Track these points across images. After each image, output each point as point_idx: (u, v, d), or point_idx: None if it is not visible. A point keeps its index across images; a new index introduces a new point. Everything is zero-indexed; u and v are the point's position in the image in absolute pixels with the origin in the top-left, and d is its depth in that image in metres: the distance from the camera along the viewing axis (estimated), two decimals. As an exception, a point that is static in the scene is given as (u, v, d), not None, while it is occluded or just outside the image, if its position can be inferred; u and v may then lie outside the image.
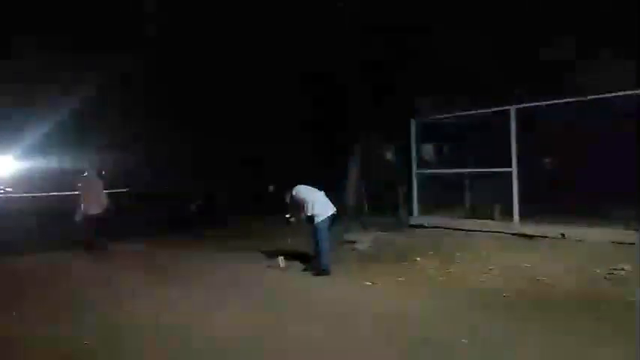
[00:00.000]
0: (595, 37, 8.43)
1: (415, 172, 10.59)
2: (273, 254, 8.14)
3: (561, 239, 8.09)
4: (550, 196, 9.48)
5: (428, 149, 11.25)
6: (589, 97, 8.22)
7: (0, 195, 15.26)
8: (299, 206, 7.36)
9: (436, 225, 9.95)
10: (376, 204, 11.74)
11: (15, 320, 5.46)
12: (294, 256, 8.01)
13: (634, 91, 7.71)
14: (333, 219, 7.35)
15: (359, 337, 4.65)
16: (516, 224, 8.92)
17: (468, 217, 9.94)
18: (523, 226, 8.79)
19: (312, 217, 7.22)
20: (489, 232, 9.03)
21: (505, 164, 9.02)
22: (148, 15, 11.22)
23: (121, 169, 13.53)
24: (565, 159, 9.96)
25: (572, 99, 8.34)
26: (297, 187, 7.46)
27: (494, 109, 9.39)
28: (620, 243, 7.40)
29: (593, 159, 9.07)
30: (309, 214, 7.24)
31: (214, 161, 13.53)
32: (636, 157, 7.52)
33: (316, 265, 7.22)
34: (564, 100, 8.55)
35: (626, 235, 7.53)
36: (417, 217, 10.44)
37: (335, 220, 7.48)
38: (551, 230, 8.37)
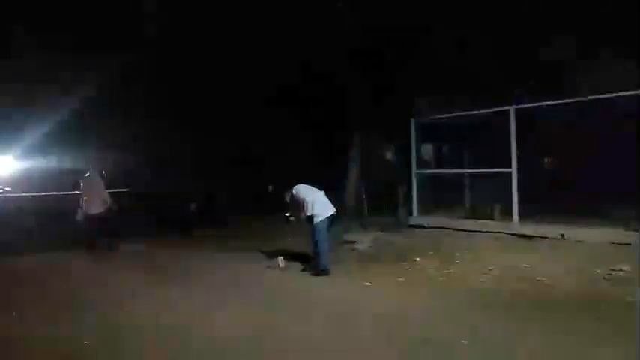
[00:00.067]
0: (595, 37, 8.43)
1: (415, 172, 10.58)
2: (272, 254, 8.14)
3: (561, 239, 8.09)
4: (550, 196, 9.50)
5: (428, 149, 11.26)
6: (588, 98, 8.23)
7: (-1, 194, 15.26)
8: (299, 206, 7.36)
9: (436, 225, 9.95)
10: (376, 204, 11.74)
11: (15, 320, 5.44)
12: (293, 256, 8.02)
13: (634, 92, 7.72)
14: (332, 219, 7.34)
15: (359, 337, 4.65)
16: (516, 224, 8.92)
17: (467, 217, 9.94)
18: (523, 227, 8.79)
19: (311, 217, 7.22)
20: (489, 233, 9.03)
21: (505, 164, 9.03)
22: (147, 14, 11.19)
23: (121, 169, 13.50)
24: (565, 159, 9.97)
25: (571, 99, 8.35)
26: (297, 186, 7.45)
27: (493, 109, 9.40)
28: (620, 243, 7.41)
29: (593, 159, 9.08)
30: (308, 214, 7.23)
31: (214, 161, 13.51)
32: (636, 157, 7.53)
33: (315, 266, 7.21)
34: (564, 101, 8.56)
35: (625, 236, 7.54)
36: (417, 218, 10.44)
37: (334, 221, 7.47)
38: (551, 230, 8.37)
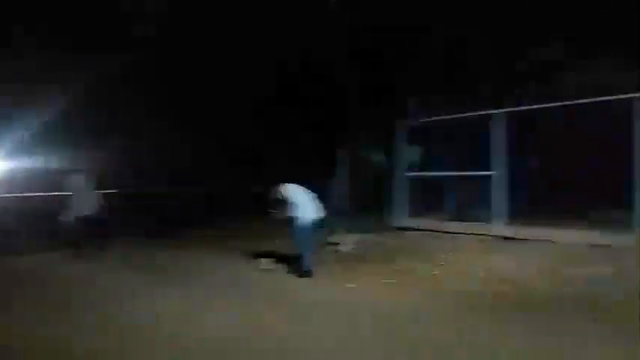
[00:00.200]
0: (585, 41, 8.50)
1: (402, 174, 10.60)
2: (263, 255, 8.12)
3: (544, 241, 8.18)
4: (536, 199, 9.55)
5: (415, 151, 11.27)
6: (574, 102, 8.33)
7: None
8: (286, 205, 7.33)
9: (422, 227, 9.97)
10: (362, 206, 11.72)
11: (15, 321, 5.38)
12: (286, 258, 7.90)
13: (618, 96, 7.81)
14: (317, 222, 7.33)
15: (344, 337, 4.63)
16: (501, 227, 8.98)
17: (453, 219, 9.97)
18: (508, 229, 8.86)
19: (296, 218, 7.20)
20: (474, 235, 9.08)
21: (493, 166, 9.10)
22: (145, 14, 11.06)
23: (116, 169, 13.34)
24: (552, 161, 10.03)
25: (555, 104, 8.44)
26: (287, 185, 7.41)
27: (479, 112, 9.45)
28: (601, 245, 7.50)
29: (580, 161, 9.17)
30: (293, 215, 7.21)
31: (214, 161, 13.36)
32: (622, 161, 7.63)
33: (299, 267, 7.19)
34: (549, 105, 8.65)
35: (605, 238, 7.63)
36: (403, 220, 10.45)
37: (320, 224, 7.46)
38: (535, 233, 8.46)
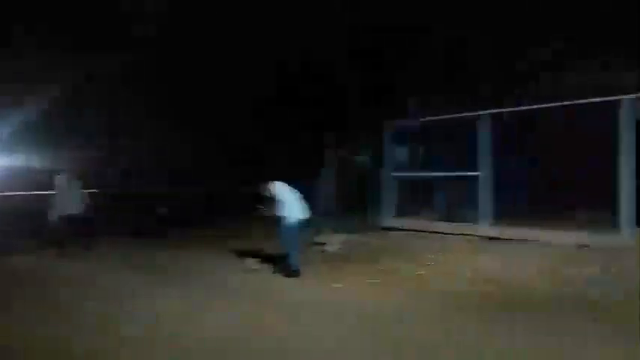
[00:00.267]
0: (583, 40, 8.55)
1: (388, 174, 10.59)
2: (253, 255, 8.08)
3: (530, 242, 8.20)
4: (523, 199, 9.60)
5: (401, 152, 11.28)
6: (559, 104, 8.39)
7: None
8: (273, 203, 7.27)
9: (408, 227, 9.96)
10: (349, 206, 11.69)
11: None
12: (272, 258, 7.84)
13: (602, 98, 7.88)
14: (303, 223, 7.28)
15: (333, 337, 4.59)
16: (487, 227, 9.00)
17: (440, 219, 9.98)
18: (494, 229, 8.88)
19: (283, 218, 7.14)
20: (461, 235, 9.09)
21: (479, 167, 9.12)
22: (136, 14, 10.87)
23: (93, 169, 13.13)
24: (541, 162, 10.09)
25: (544, 105, 8.50)
26: (276, 183, 7.35)
27: (465, 114, 9.47)
28: (586, 246, 7.56)
29: (568, 162, 9.24)
30: (280, 214, 7.15)
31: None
32: (608, 163, 7.70)
33: (286, 267, 7.13)
34: (537, 106, 8.71)
35: (589, 239, 7.69)
36: (390, 220, 10.43)
37: (306, 224, 7.41)
38: (521, 233, 8.48)
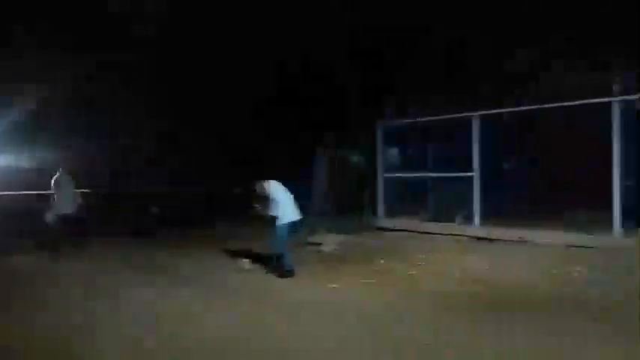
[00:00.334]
0: (552, 48, 8.70)
1: (381, 175, 10.71)
2: (246, 256, 8.09)
3: (519, 242, 8.38)
4: (519, 199, 9.77)
5: (395, 152, 11.41)
6: (546, 106, 8.56)
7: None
8: (266, 201, 7.33)
9: (401, 228, 10.10)
10: (342, 206, 11.79)
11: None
12: (267, 258, 7.86)
13: (590, 100, 8.06)
14: (296, 224, 7.33)
15: (325, 336, 4.65)
16: (478, 228, 9.17)
17: (432, 220, 10.12)
18: (484, 230, 9.05)
19: (274, 218, 7.20)
20: (452, 236, 9.24)
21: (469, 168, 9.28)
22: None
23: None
24: (538, 162, 10.27)
25: (533, 106, 8.66)
26: (270, 182, 7.35)
27: (456, 115, 9.62)
28: (575, 246, 7.74)
29: (566, 162, 9.43)
30: (272, 213, 7.21)
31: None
32: (598, 165, 7.88)
33: (279, 267, 7.20)
34: (524, 108, 8.88)
35: (579, 239, 7.87)
36: (383, 220, 10.56)
37: (298, 226, 7.47)
38: (510, 234, 8.66)
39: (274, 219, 7.19)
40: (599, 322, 4.81)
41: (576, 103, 8.22)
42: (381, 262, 7.86)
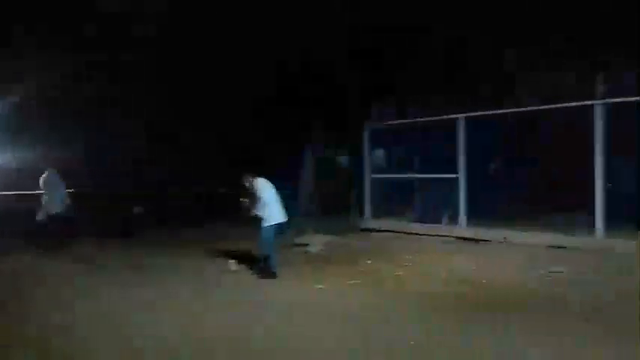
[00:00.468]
0: (538, 49, 8.78)
1: (368, 176, 10.74)
2: (233, 257, 8.07)
3: (504, 243, 8.48)
4: (498, 201, 9.86)
5: (381, 154, 11.43)
6: (530, 109, 8.67)
7: None
8: (254, 198, 7.26)
9: (387, 229, 10.14)
10: (329, 207, 11.78)
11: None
12: (253, 259, 7.85)
13: (570, 103, 8.16)
14: (281, 226, 7.28)
15: (314, 337, 4.65)
16: (463, 229, 9.25)
17: (418, 221, 10.18)
18: (470, 231, 9.13)
19: (262, 219, 7.13)
20: (438, 236, 9.31)
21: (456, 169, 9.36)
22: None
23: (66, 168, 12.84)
24: (518, 165, 10.36)
25: (519, 109, 8.76)
26: (259, 179, 7.27)
27: (443, 116, 9.69)
28: (558, 247, 7.86)
29: (561, 163, 9.52)
30: (258, 213, 7.15)
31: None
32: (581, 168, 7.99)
33: (263, 268, 7.16)
34: (509, 110, 8.97)
35: (563, 240, 7.99)
36: (369, 221, 10.59)
37: (284, 227, 7.43)
38: (495, 234, 8.76)
39: (259, 218, 7.15)
40: (591, 323, 4.86)
41: (560, 105, 8.32)
42: (368, 262, 7.89)
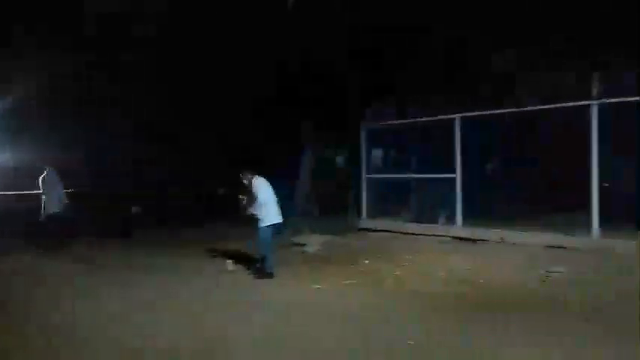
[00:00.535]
0: (537, 50, 8.78)
1: (365, 176, 10.72)
2: (230, 257, 8.05)
3: (501, 243, 8.49)
4: (495, 201, 9.87)
5: (379, 153, 11.42)
6: (527, 109, 8.68)
7: None
8: (251, 196, 7.19)
9: (385, 229, 10.13)
10: (326, 207, 11.75)
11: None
12: (250, 259, 7.82)
13: (568, 103, 8.18)
14: (277, 227, 7.24)
15: (312, 336, 4.63)
16: (460, 229, 9.25)
17: (415, 221, 10.17)
18: (467, 231, 9.14)
19: (259, 219, 7.07)
20: (435, 236, 9.31)
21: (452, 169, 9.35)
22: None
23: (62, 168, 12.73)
24: (517, 165, 10.37)
25: (515, 109, 8.76)
26: (258, 178, 7.22)
27: (440, 117, 9.68)
28: (556, 247, 7.88)
29: (543, 166, 9.54)
30: (255, 213, 7.10)
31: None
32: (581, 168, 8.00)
33: (260, 269, 7.13)
34: (506, 110, 8.97)
35: (562, 240, 8.01)
36: (367, 221, 10.57)
37: (280, 228, 7.40)
38: (492, 234, 8.77)
39: (256, 218, 7.10)
40: (591, 323, 4.86)
41: (557, 106, 8.34)
42: (366, 262, 7.88)
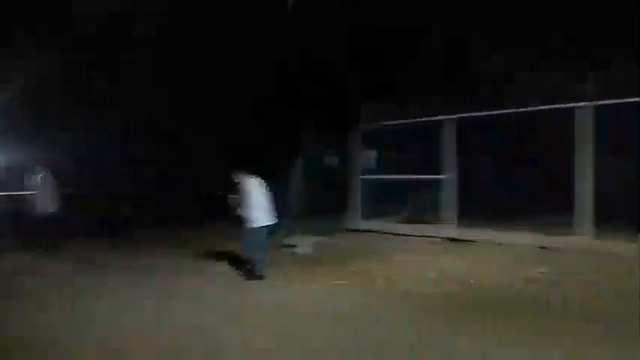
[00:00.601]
0: (538, 49, 8.78)
1: (357, 177, 10.68)
2: (222, 257, 8.05)
3: (491, 243, 8.51)
4: (485, 202, 9.86)
5: (372, 154, 11.37)
6: (524, 109, 8.66)
7: None
8: (242, 196, 7.09)
9: (377, 230, 10.11)
10: (318, 208, 11.69)
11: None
12: (240, 261, 7.76)
13: (565, 104, 8.18)
14: (269, 228, 7.16)
15: (306, 339, 4.60)
16: (452, 229, 9.23)
17: (407, 222, 10.14)
18: (458, 231, 9.14)
19: (249, 221, 6.98)
20: (427, 237, 9.29)
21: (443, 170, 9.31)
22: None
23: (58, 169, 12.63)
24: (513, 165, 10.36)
25: (509, 110, 8.75)
26: (250, 178, 7.13)
27: (432, 118, 9.66)
28: (546, 247, 7.91)
29: (531, 167, 9.53)
30: (244, 214, 7.01)
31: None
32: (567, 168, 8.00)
33: (250, 270, 7.06)
34: (502, 112, 8.95)
35: (551, 240, 8.00)
36: (358, 222, 10.52)
37: (272, 229, 7.32)
38: (483, 235, 8.78)
39: (246, 222, 7.00)
40: (591, 323, 4.87)
41: (544, 107, 8.34)
42: (357, 263, 7.82)
